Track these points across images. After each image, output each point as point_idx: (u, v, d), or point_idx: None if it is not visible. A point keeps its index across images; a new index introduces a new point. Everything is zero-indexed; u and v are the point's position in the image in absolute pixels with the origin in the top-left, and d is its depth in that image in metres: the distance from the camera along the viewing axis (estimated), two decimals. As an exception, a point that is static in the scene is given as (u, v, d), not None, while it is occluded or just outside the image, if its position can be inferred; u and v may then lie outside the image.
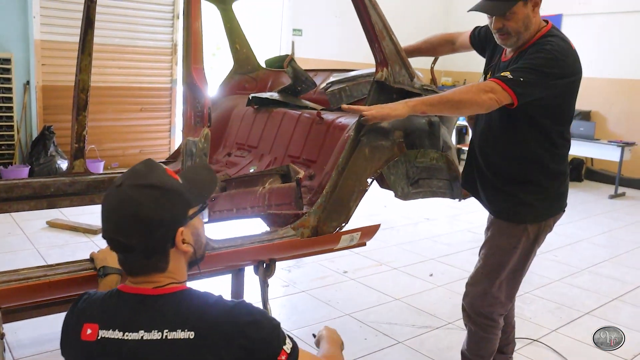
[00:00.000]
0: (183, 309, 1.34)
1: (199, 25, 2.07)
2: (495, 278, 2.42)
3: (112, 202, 1.38)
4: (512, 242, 2.37)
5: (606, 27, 9.12)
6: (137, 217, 1.34)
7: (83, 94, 3.19)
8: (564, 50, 2.17)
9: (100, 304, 1.41)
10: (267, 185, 2.66)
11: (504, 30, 2.23)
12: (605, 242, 5.78)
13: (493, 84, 2.14)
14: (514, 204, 2.37)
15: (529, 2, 2.18)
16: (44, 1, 6.76)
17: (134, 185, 1.37)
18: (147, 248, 1.37)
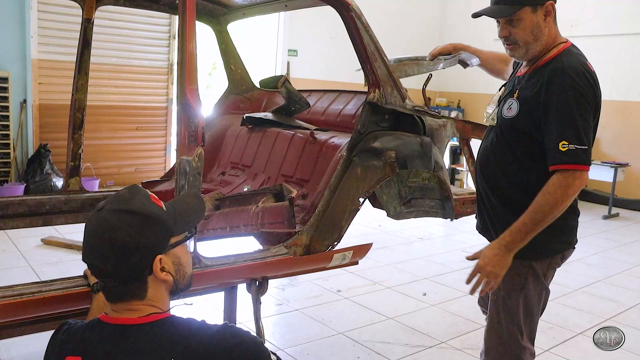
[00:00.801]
0: (167, 337, 1.33)
1: (194, 46, 2.11)
2: (513, 324, 2.18)
3: (92, 225, 1.37)
4: (520, 282, 2.14)
5: (599, 49, 9.22)
6: (113, 241, 1.32)
7: (79, 112, 3.22)
8: (585, 73, 2.00)
9: (82, 335, 1.39)
10: (261, 204, 2.69)
11: (510, 39, 2.10)
12: (598, 262, 5.80)
13: (568, 174, 1.92)
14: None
15: (538, 9, 2.04)
16: (42, 21, 6.83)
17: (113, 210, 1.36)
18: (123, 274, 1.35)
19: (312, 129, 3.22)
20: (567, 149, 1.91)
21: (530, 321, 2.21)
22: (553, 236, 2.11)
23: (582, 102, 1.95)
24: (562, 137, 1.93)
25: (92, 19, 3.13)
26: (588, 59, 2.09)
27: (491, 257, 2.03)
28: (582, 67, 2.01)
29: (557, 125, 1.96)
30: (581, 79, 1.97)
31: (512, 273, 2.12)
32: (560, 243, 2.18)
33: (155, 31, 7.79)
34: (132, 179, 7.62)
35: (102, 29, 6.85)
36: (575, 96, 1.95)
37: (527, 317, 2.19)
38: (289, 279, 4.51)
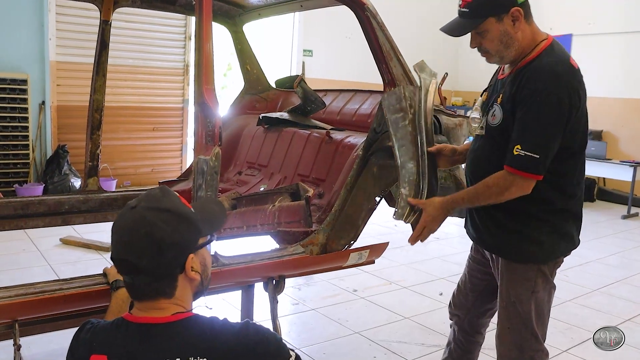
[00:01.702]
0: (192, 336, 1.35)
1: (210, 46, 2.13)
2: (527, 330, 2.15)
3: (125, 222, 1.39)
4: (530, 286, 2.12)
5: (616, 47, 9.14)
6: (151, 237, 1.35)
7: (97, 113, 3.26)
8: (563, 75, 1.94)
9: (107, 334, 1.40)
10: (277, 203, 2.70)
11: (482, 49, 2.06)
12: (617, 262, 5.74)
13: (510, 177, 1.96)
14: (520, 240, 2.12)
15: (504, 17, 1.96)
16: (60, 24, 6.91)
17: (149, 208, 1.39)
18: (157, 270, 1.37)
19: (328, 129, 3.22)
20: (517, 154, 1.93)
21: (541, 323, 2.20)
22: (558, 241, 2.13)
23: (550, 110, 1.92)
24: (518, 141, 1.94)
25: (109, 20, 3.17)
26: (571, 55, 2.03)
27: (433, 215, 2.19)
28: (562, 68, 1.96)
29: (519, 127, 1.96)
30: (556, 83, 1.92)
31: (522, 278, 2.13)
32: (566, 246, 2.19)
33: (171, 32, 7.84)
34: (148, 179, 7.69)
35: (119, 31, 6.91)
36: (543, 103, 1.92)
37: (539, 320, 2.18)
38: (305, 279, 4.51)
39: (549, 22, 9.90)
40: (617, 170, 8.14)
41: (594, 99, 9.66)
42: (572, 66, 1.99)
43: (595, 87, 9.43)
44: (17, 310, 1.79)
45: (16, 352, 1.80)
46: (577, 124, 2.00)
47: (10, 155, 6.75)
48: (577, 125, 2.00)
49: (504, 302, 2.19)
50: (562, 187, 2.08)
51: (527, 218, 2.10)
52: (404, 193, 2.34)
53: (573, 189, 2.12)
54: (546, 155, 1.93)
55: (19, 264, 4.54)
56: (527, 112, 1.94)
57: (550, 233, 2.10)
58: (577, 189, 2.14)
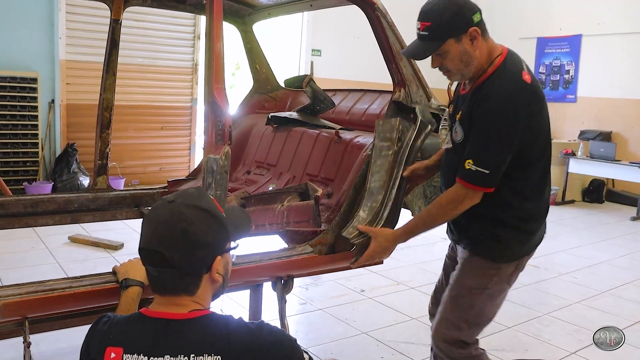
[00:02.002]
0: (208, 333, 1.37)
1: (221, 45, 2.13)
2: (464, 322, 2.22)
3: (162, 215, 1.41)
4: (483, 283, 2.19)
5: (626, 47, 9.09)
6: (186, 233, 1.38)
7: (107, 112, 3.27)
8: (513, 95, 1.99)
9: (124, 327, 1.42)
10: (286, 202, 2.70)
11: (442, 68, 2.11)
12: (626, 264, 5.71)
13: (462, 191, 2.06)
14: (489, 237, 2.18)
15: (463, 38, 2.01)
16: (70, 22, 6.95)
17: (187, 205, 1.42)
18: (186, 266, 1.40)
19: (337, 128, 3.22)
20: (469, 169, 2.02)
21: (480, 321, 2.26)
22: (519, 243, 2.19)
23: (500, 130, 1.99)
24: (470, 156, 2.02)
25: (120, 19, 3.18)
26: (525, 68, 2.06)
27: (384, 247, 2.27)
28: (512, 87, 2.01)
29: (472, 144, 2.05)
30: (506, 103, 1.98)
31: (478, 273, 2.20)
32: (527, 247, 2.23)
33: (180, 32, 7.86)
34: (156, 178, 7.71)
35: (128, 30, 6.92)
36: (494, 123, 1.99)
37: (480, 317, 2.24)
38: (313, 279, 4.51)
39: (559, 23, 9.88)
40: (627, 171, 8.10)
41: (602, 99, 9.67)
42: (523, 82, 2.03)
43: (604, 87, 9.40)
44: (27, 307, 1.80)
45: (26, 349, 1.81)
46: (533, 136, 2.05)
47: (20, 154, 6.80)
48: (533, 137, 2.06)
49: (454, 292, 2.26)
50: (522, 191, 2.14)
51: (490, 220, 2.17)
52: (361, 216, 2.44)
53: (534, 192, 2.17)
54: (496, 171, 2.02)
55: (28, 261, 4.57)
56: (480, 131, 2.03)
57: (512, 235, 2.16)
58: (538, 193, 2.19)
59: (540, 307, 4.30)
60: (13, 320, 1.81)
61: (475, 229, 2.20)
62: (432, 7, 2.02)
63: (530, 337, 3.73)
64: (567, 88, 9.91)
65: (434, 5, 2.02)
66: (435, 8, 2.01)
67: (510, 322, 3.94)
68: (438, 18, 1.99)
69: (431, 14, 2.01)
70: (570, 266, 5.43)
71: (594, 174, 8.77)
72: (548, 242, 6.54)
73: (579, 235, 6.83)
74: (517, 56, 2.12)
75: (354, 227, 2.39)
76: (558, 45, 9.99)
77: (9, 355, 2.98)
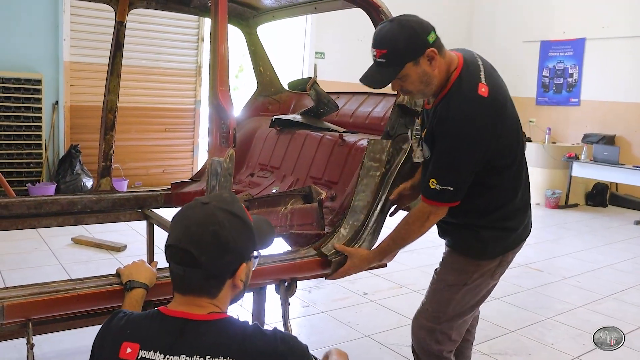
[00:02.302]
0: (224, 337, 1.37)
1: (225, 48, 2.13)
2: (442, 314, 2.28)
3: (195, 215, 1.43)
4: (462, 279, 2.24)
5: (630, 51, 9.08)
6: (218, 236, 1.39)
7: (111, 114, 3.27)
8: (470, 116, 2.00)
9: (141, 323, 1.43)
10: (290, 205, 2.70)
11: (403, 90, 2.11)
12: (630, 268, 5.69)
13: (428, 208, 2.12)
14: (469, 237, 2.23)
15: (420, 60, 1.99)
16: (74, 24, 6.97)
17: (221, 208, 1.43)
18: (212, 269, 1.41)
19: (340, 131, 3.22)
20: (434, 187, 2.05)
21: (462, 314, 2.30)
22: (501, 239, 2.23)
23: (463, 149, 2.01)
24: (433, 175, 2.06)
25: (124, 21, 3.18)
26: (482, 78, 2.03)
27: (357, 267, 2.40)
28: (467, 105, 2.00)
29: (434, 163, 2.09)
30: (465, 124, 1.99)
31: (459, 269, 2.26)
32: (510, 243, 2.26)
33: (184, 34, 7.88)
34: (160, 180, 7.72)
35: (132, 32, 6.94)
36: (453, 142, 2.02)
37: (461, 311, 2.29)
38: (315, 281, 4.50)
39: (562, 26, 9.87)
40: (630, 175, 8.09)
41: (606, 103, 9.65)
42: (479, 99, 2.01)
43: (608, 91, 9.39)
44: (31, 309, 1.79)
45: (29, 350, 1.81)
46: (498, 148, 2.07)
47: (24, 155, 6.81)
48: (498, 149, 2.07)
49: (435, 285, 2.35)
50: (497, 197, 2.18)
51: (468, 225, 2.22)
52: (342, 233, 2.48)
53: (508, 195, 2.20)
54: (460, 187, 2.06)
55: (31, 262, 4.57)
56: (441, 151, 2.06)
57: (490, 233, 2.20)
58: (512, 194, 2.21)
59: (543, 311, 4.29)
60: (16, 321, 1.81)
61: (454, 230, 2.27)
62: (385, 33, 2.00)
63: (534, 341, 3.72)
64: (570, 91, 9.90)
65: (387, 31, 2.00)
66: (389, 34, 1.99)
67: (513, 325, 3.93)
68: (393, 44, 1.98)
69: (386, 41, 1.99)
70: (574, 270, 5.42)
71: (598, 178, 8.75)
72: (551, 246, 6.58)
73: (583, 239, 6.81)
74: (473, 65, 2.09)
75: (332, 244, 2.44)
76: (562, 48, 9.98)
77: (12, 356, 2.99)
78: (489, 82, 2.04)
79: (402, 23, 2.00)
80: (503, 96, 2.08)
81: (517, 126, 2.16)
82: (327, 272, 2.45)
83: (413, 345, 2.42)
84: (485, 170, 2.08)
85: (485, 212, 2.20)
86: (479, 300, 2.33)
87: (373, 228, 2.53)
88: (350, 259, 2.39)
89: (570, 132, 9.83)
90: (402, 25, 1.99)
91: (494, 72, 2.13)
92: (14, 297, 1.77)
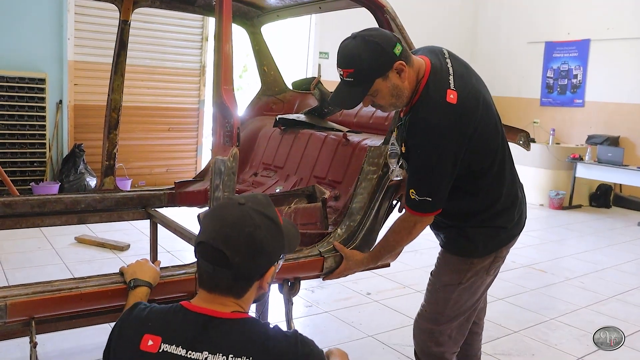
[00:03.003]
0: (247, 337, 1.38)
1: (230, 47, 2.13)
2: (440, 315, 2.28)
3: (232, 215, 1.42)
4: (456, 278, 2.25)
5: (634, 52, 9.06)
6: (252, 238, 1.39)
7: (115, 113, 3.27)
8: (439, 126, 1.98)
9: (164, 317, 1.43)
10: (293, 205, 2.69)
11: (375, 105, 2.09)
12: (634, 269, 5.68)
13: (412, 218, 2.15)
14: (459, 236, 2.25)
15: (389, 74, 1.96)
16: (78, 23, 6.98)
17: (256, 210, 1.43)
18: (243, 270, 1.41)
19: (344, 131, 3.21)
20: (414, 198, 2.07)
21: (462, 313, 2.30)
22: (492, 237, 2.23)
23: (435, 159, 2.00)
24: (411, 186, 2.08)
25: (128, 20, 3.18)
26: (450, 84, 2.00)
27: (352, 269, 2.45)
28: (435, 117, 1.98)
29: (411, 175, 2.12)
30: (435, 135, 1.98)
31: (453, 269, 2.26)
32: (502, 240, 2.26)
33: (188, 33, 7.88)
34: (163, 179, 7.73)
35: (136, 31, 6.94)
36: (427, 154, 2.02)
37: (460, 310, 2.28)
38: (319, 281, 4.50)
39: (567, 27, 9.85)
40: (634, 176, 8.06)
41: (610, 104, 9.62)
42: (447, 107, 1.98)
43: (612, 92, 9.36)
44: (34, 307, 1.79)
45: (32, 349, 1.81)
46: (474, 153, 2.06)
47: (27, 154, 6.83)
48: (475, 153, 2.07)
49: (431, 286, 2.35)
50: (480, 199, 2.19)
51: (457, 227, 2.26)
52: (338, 232, 2.51)
53: (494, 194, 2.19)
54: (440, 196, 2.07)
55: (34, 262, 4.58)
56: (415, 163, 2.08)
57: (480, 232, 2.21)
58: (497, 193, 2.20)
59: (547, 311, 4.28)
60: (20, 320, 1.81)
61: (445, 230, 2.31)
62: (350, 51, 1.96)
63: (537, 342, 3.71)
64: (574, 92, 9.87)
65: (351, 49, 1.96)
66: (354, 52, 1.95)
67: (517, 326, 3.92)
68: (359, 63, 1.94)
69: (351, 60, 1.96)
70: (578, 271, 5.41)
71: (602, 179, 8.73)
72: (555, 247, 6.56)
73: (586, 240, 6.79)
74: (441, 70, 2.05)
75: (329, 242, 2.46)
76: (566, 49, 9.96)
77: (15, 355, 2.99)
78: (458, 87, 2.01)
79: (365, 39, 1.95)
80: (474, 99, 2.04)
81: (494, 127, 2.13)
82: (328, 271, 2.46)
83: (415, 348, 2.42)
84: (464, 175, 2.08)
85: (470, 215, 2.21)
86: (478, 298, 2.33)
87: (368, 230, 2.54)
88: (345, 261, 2.43)
89: (574, 133, 9.81)
90: (366, 42, 1.94)
91: (465, 73, 2.09)
92: (16, 295, 1.77)
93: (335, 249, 2.44)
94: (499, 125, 2.17)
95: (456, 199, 2.14)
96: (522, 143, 3.01)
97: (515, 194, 2.26)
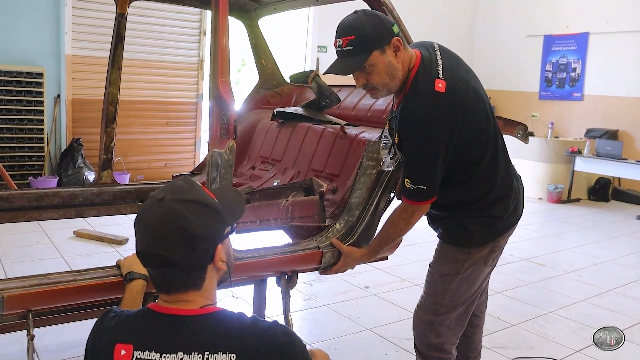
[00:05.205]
0: (222, 331, 1.34)
1: (226, 40, 2.12)
2: (439, 306, 2.29)
3: (154, 215, 1.36)
4: (454, 268, 2.25)
5: (633, 45, 9.04)
6: (183, 230, 1.33)
7: (112, 106, 3.26)
8: (428, 115, 2.01)
9: (133, 323, 1.39)
10: (291, 198, 2.69)
11: (369, 85, 2.09)
12: (632, 263, 5.68)
13: (409, 207, 2.17)
14: (456, 226, 2.27)
15: (387, 49, 2.01)
16: (76, 17, 6.95)
17: (177, 200, 1.36)
18: (189, 263, 1.36)
19: (342, 124, 3.21)
20: (409, 187, 2.10)
21: (461, 304, 2.31)
22: (488, 227, 2.24)
23: (425, 148, 2.04)
24: (406, 176, 2.11)
25: (125, 13, 3.17)
26: (439, 73, 2.04)
27: (350, 265, 2.47)
28: (425, 107, 2.01)
29: (405, 165, 2.14)
30: (424, 124, 2.01)
31: (451, 259, 2.28)
32: (499, 229, 2.27)
33: (186, 27, 7.85)
34: (161, 173, 7.72)
35: (134, 25, 6.92)
36: (418, 144, 2.06)
37: (458, 300, 2.29)
38: (317, 275, 4.50)
39: (566, 20, 9.83)
40: (633, 170, 8.06)
41: (610, 97, 9.61)
42: (436, 96, 2.02)
43: (611, 86, 9.35)
44: (31, 300, 1.79)
45: (29, 342, 1.81)
46: (465, 141, 2.07)
47: (26, 148, 6.82)
48: (465, 142, 2.08)
49: (429, 277, 2.37)
50: (473, 189, 2.21)
51: (452, 217, 2.28)
52: (337, 228, 2.52)
53: (484, 186, 2.21)
54: (433, 184, 2.10)
55: (33, 255, 4.58)
56: (408, 152, 2.11)
57: (476, 221, 2.23)
58: (490, 183, 2.21)
59: (545, 305, 4.28)
60: (17, 312, 1.81)
61: (441, 221, 2.33)
62: (351, 22, 2.02)
63: (535, 335, 3.71)
64: (573, 86, 9.86)
65: (352, 20, 2.02)
66: (355, 22, 2.01)
67: (515, 319, 3.92)
68: (361, 30, 1.98)
69: (353, 28, 2.00)
70: (576, 264, 5.41)
71: (600, 173, 8.73)
72: (554, 240, 6.56)
73: (585, 234, 6.80)
74: (430, 61, 2.08)
75: (327, 237, 2.46)
76: (565, 43, 9.94)
77: (13, 348, 2.99)
78: (447, 76, 2.04)
79: (367, 12, 2.05)
80: (464, 88, 2.07)
81: (484, 116, 2.14)
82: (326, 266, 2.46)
83: (414, 340, 2.42)
84: (455, 165, 2.11)
85: (464, 205, 2.23)
86: (476, 289, 2.33)
87: (366, 225, 2.55)
88: (343, 258, 2.44)
89: (573, 127, 9.80)
90: (367, 14, 2.03)
91: (455, 64, 2.12)
92: (13, 288, 1.76)
93: (333, 244, 2.44)
94: (491, 115, 2.18)
95: (450, 189, 2.17)
96: (520, 136, 3.01)
97: (510, 184, 2.27)
